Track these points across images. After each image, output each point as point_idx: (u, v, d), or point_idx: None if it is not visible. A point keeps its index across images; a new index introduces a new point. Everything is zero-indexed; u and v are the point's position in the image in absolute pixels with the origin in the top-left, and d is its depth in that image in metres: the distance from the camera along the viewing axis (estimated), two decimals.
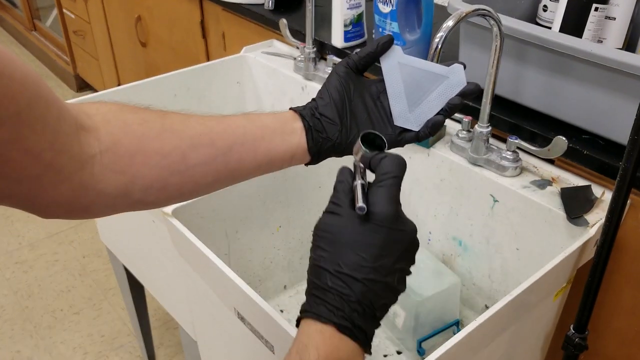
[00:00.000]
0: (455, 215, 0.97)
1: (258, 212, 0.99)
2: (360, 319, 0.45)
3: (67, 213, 0.47)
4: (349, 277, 0.45)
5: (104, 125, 0.48)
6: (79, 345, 1.66)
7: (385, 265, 0.45)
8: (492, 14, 0.76)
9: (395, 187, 0.47)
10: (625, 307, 0.83)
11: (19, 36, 3.61)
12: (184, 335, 1.09)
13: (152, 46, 1.99)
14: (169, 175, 0.51)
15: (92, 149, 0.46)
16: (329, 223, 0.47)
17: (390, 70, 0.59)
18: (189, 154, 0.52)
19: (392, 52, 0.60)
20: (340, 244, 0.45)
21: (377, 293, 0.45)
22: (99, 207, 0.49)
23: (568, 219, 0.78)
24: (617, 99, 0.76)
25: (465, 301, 1.02)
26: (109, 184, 0.48)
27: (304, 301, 0.47)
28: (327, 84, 0.59)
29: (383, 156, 0.48)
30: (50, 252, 1.99)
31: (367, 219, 0.45)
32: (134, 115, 0.51)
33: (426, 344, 0.95)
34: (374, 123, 0.59)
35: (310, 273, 0.47)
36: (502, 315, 0.65)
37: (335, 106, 0.57)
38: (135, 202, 0.51)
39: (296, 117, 0.58)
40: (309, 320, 0.45)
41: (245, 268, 1.02)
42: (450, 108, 0.58)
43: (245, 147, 0.55)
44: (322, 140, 0.57)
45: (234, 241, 0.98)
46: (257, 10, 1.34)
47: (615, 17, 0.89)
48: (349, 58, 0.59)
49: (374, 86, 0.60)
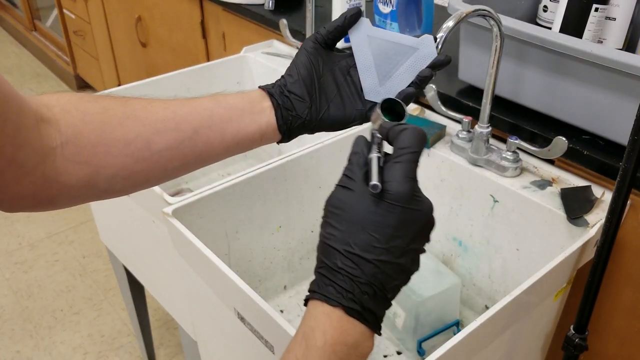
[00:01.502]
0: (455, 215, 0.97)
1: (258, 213, 0.99)
2: (371, 302, 0.43)
3: (32, 206, 0.47)
4: (360, 257, 0.43)
5: (63, 116, 0.47)
6: (79, 345, 1.66)
7: (398, 246, 0.43)
8: (492, 15, 0.76)
9: (413, 163, 0.44)
10: (625, 308, 0.83)
11: (19, 36, 3.61)
12: (183, 336, 1.09)
13: (152, 46, 1.99)
14: (134, 162, 0.50)
15: (53, 142, 0.45)
16: (341, 199, 0.44)
17: (359, 43, 0.58)
18: (153, 139, 0.51)
19: (361, 25, 0.58)
20: (351, 222, 0.43)
21: (389, 274, 0.43)
22: (64, 199, 0.48)
23: (568, 219, 0.78)
24: (617, 99, 0.76)
25: (466, 301, 1.02)
26: (73, 176, 0.47)
27: (313, 279, 0.45)
28: (296, 61, 0.57)
29: (402, 128, 0.46)
30: (50, 252, 1.99)
31: (382, 196, 0.43)
32: (93, 105, 0.50)
33: (426, 344, 0.95)
34: (344, 98, 0.58)
35: (319, 251, 0.45)
36: (502, 315, 0.65)
37: (304, 83, 0.56)
38: (101, 192, 0.50)
39: (265, 95, 0.57)
40: (317, 302, 0.44)
41: (245, 268, 1.02)
42: (420, 80, 0.57)
43: (212, 130, 0.54)
44: (291, 118, 0.56)
45: (234, 241, 0.98)
46: (257, 11, 1.35)
47: (616, 17, 0.89)
48: (317, 33, 0.58)
49: (344, 61, 0.59)
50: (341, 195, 0.45)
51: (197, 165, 0.56)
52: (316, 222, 1.09)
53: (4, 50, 3.61)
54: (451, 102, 0.96)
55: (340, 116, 0.57)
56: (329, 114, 0.57)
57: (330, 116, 0.57)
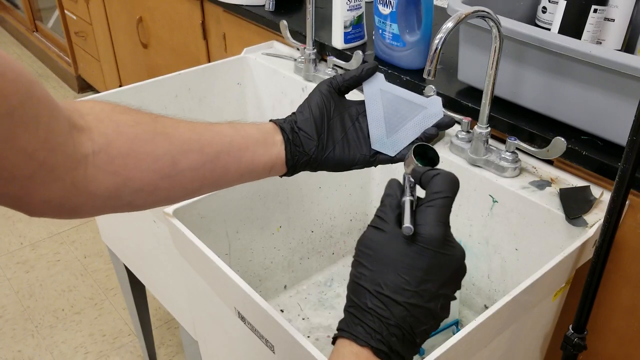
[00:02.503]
0: (454, 215, 0.97)
1: (258, 212, 0.99)
2: (399, 344, 0.43)
3: (55, 213, 0.47)
4: (390, 299, 0.43)
5: (97, 125, 0.47)
6: (80, 344, 1.66)
7: (428, 290, 0.43)
8: (491, 16, 0.76)
9: (445, 207, 0.45)
10: (624, 307, 0.83)
11: (21, 37, 3.61)
12: (184, 335, 1.09)
13: (153, 47, 2.00)
14: (160, 179, 0.51)
15: (85, 149, 0.46)
16: (373, 239, 0.45)
17: (372, 95, 0.62)
18: (179, 158, 0.52)
19: (375, 79, 0.62)
20: (382, 263, 0.44)
21: (418, 318, 0.43)
22: (87, 208, 0.48)
23: (567, 219, 0.79)
24: (616, 100, 0.77)
25: (465, 301, 1.02)
26: (101, 185, 0.47)
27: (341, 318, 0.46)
28: (309, 100, 0.60)
29: (435, 173, 0.47)
30: (51, 252, 2.00)
31: (414, 239, 0.43)
32: (126, 117, 0.51)
33: (425, 343, 0.95)
34: (350, 142, 0.60)
35: (350, 290, 0.45)
36: (502, 315, 0.65)
37: (314, 122, 0.59)
38: (124, 205, 0.51)
39: (277, 129, 0.59)
40: (345, 341, 0.44)
41: (245, 268, 1.02)
42: (426, 137, 0.60)
43: (230, 156, 0.56)
44: (298, 154, 0.59)
45: (235, 241, 0.98)
46: (257, 12, 1.35)
47: (614, 18, 0.89)
48: (333, 78, 0.61)
49: (354, 108, 0.62)
50: (373, 236, 0.45)
51: (212, 188, 0.57)
52: (316, 222, 1.10)
53: (6, 51, 3.58)
54: (450, 103, 0.96)
55: (344, 158, 0.60)
56: (334, 154, 0.59)
57: (335, 157, 0.60)
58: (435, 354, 0.58)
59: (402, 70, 1.07)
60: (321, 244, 1.12)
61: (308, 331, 1.02)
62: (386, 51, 1.09)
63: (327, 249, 1.14)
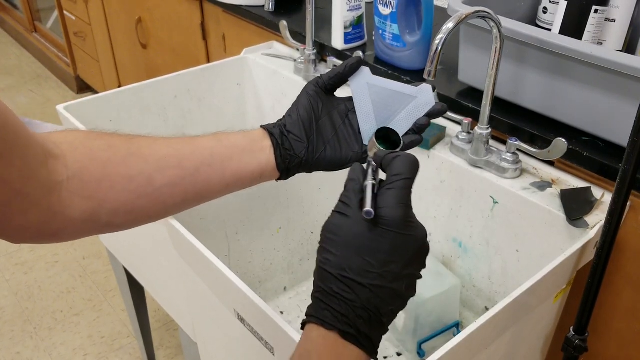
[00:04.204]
0: (455, 216, 0.97)
1: (258, 214, 0.99)
2: (366, 326, 0.44)
3: (36, 238, 0.48)
4: (355, 282, 0.44)
5: (71, 152, 0.49)
6: (79, 346, 1.66)
7: (392, 271, 0.44)
8: (492, 16, 0.76)
9: (405, 189, 0.45)
10: (625, 309, 0.83)
11: (20, 38, 3.61)
12: (183, 337, 1.09)
13: (153, 48, 1.99)
14: (136, 198, 0.52)
15: (59, 176, 0.47)
16: (337, 224, 0.46)
17: (359, 90, 0.61)
18: (155, 176, 0.53)
19: (361, 73, 0.61)
20: (346, 247, 0.44)
21: (384, 299, 0.44)
22: (67, 232, 0.50)
23: (568, 220, 0.78)
24: (617, 100, 0.77)
25: (465, 303, 1.02)
26: (77, 209, 0.49)
27: (310, 304, 0.46)
28: (297, 103, 0.61)
29: (395, 156, 0.47)
30: (50, 254, 2.00)
31: (375, 222, 0.44)
32: (100, 142, 0.52)
33: (426, 345, 0.95)
34: (341, 140, 0.60)
35: (316, 276, 0.46)
36: (502, 317, 0.65)
37: (303, 124, 0.59)
38: (103, 226, 0.52)
39: (265, 135, 0.59)
40: (313, 326, 0.45)
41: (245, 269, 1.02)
42: (418, 128, 0.59)
43: (212, 168, 0.56)
44: (289, 158, 0.59)
45: (234, 243, 0.98)
46: (257, 12, 1.35)
47: (615, 19, 0.89)
48: (319, 78, 0.61)
49: (343, 105, 0.62)
50: (337, 221, 0.46)
51: (197, 201, 0.58)
52: (316, 223, 1.09)
53: (5, 51, 3.61)
54: (451, 104, 0.96)
55: (336, 157, 0.60)
56: (326, 154, 0.60)
57: (327, 157, 0.60)
58: (436, 355, 0.58)
59: (402, 70, 1.06)
60: None
61: None
62: (386, 52, 1.08)
63: None
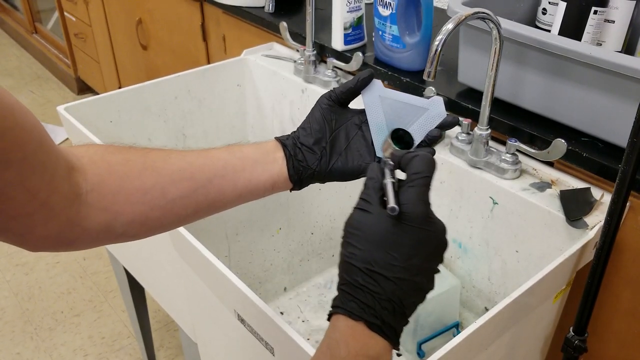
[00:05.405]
0: (455, 217, 0.97)
1: (258, 215, 0.99)
2: (390, 317, 0.46)
3: (54, 246, 0.51)
4: (380, 275, 0.46)
5: (90, 166, 0.52)
6: (80, 347, 1.66)
7: (415, 265, 0.46)
8: (491, 17, 0.76)
9: (426, 187, 0.48)
10: (624, 309, 0.83)
11: (20, 39, 3.61)
12: (184, 337, 1.09)
13: (153, 49, 2.00)
14: (150, 210, 0.55)
15: (79, 189, 0.50)
16: (360, 220, 0.47)
17: (371, 103, 0.62)
18: (168, 188, 0.55)
19: (373, 86, 0.62)
20: (371, 242, 0.46)
21: (407, 292, 0.46)
22: (83, 241, 0.52)
23: (567, 221, 0.79)
24: (616, 101, 0.77)
25: (465, 303, 1.02)
26: (93, 221, 0.51)
27: (335, 295, 0.48)
28: (310, 115, 0.62)
29: (414, 155, 0.50)
30: (50, 255, 2.00)
31: (399, 218, 0.46)
32: (118, 156, 0.55)
33: (426, 346, 0.95)
34: (354, 152, 0.62)
35: (341, 269, 0.48)
36: (502, 317, 0.65)
37: (316, 136, 0.61)
38: (118, 236, 0.54)
39: (278, 146, 0.61)
40: (340, 316, 0.46)
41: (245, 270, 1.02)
42: (430, 140, 0.60)
43: (225, 179, 0.58)
44: (302, 169, 0.60)
45: (234, 243, 0.98)
46: (257, 13, 1.35)
47: (614, 20, 0.89)
48: (332, 91, 0.63)
49: (357, 117, 0.63)
50: (360, 217, 0.48)
51: (210, 211, 0.60)
52: (316, 224, 1.10)
53: (5, 52, 3.61)
54: (451, 105, 0.96)
55: (348, 168, 0.62)
56: (339, 165, 0.61)
57: (339, 168, 0.61)
58: (436, 356, 0.58)
59: (402, 71, 1.06)
60: (321, 246, 1.12)
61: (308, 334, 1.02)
62: (386, 53, 1.08)
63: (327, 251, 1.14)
